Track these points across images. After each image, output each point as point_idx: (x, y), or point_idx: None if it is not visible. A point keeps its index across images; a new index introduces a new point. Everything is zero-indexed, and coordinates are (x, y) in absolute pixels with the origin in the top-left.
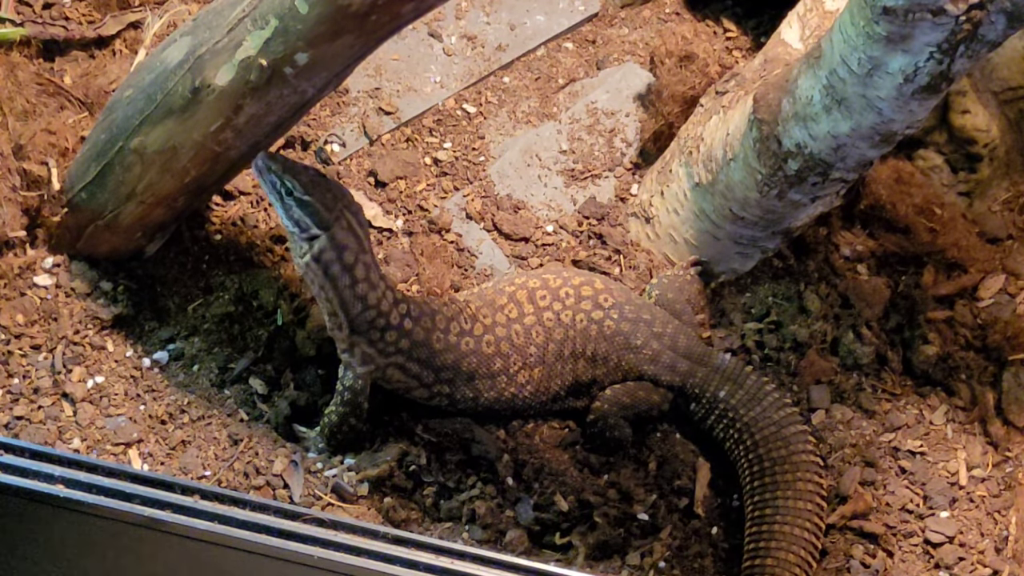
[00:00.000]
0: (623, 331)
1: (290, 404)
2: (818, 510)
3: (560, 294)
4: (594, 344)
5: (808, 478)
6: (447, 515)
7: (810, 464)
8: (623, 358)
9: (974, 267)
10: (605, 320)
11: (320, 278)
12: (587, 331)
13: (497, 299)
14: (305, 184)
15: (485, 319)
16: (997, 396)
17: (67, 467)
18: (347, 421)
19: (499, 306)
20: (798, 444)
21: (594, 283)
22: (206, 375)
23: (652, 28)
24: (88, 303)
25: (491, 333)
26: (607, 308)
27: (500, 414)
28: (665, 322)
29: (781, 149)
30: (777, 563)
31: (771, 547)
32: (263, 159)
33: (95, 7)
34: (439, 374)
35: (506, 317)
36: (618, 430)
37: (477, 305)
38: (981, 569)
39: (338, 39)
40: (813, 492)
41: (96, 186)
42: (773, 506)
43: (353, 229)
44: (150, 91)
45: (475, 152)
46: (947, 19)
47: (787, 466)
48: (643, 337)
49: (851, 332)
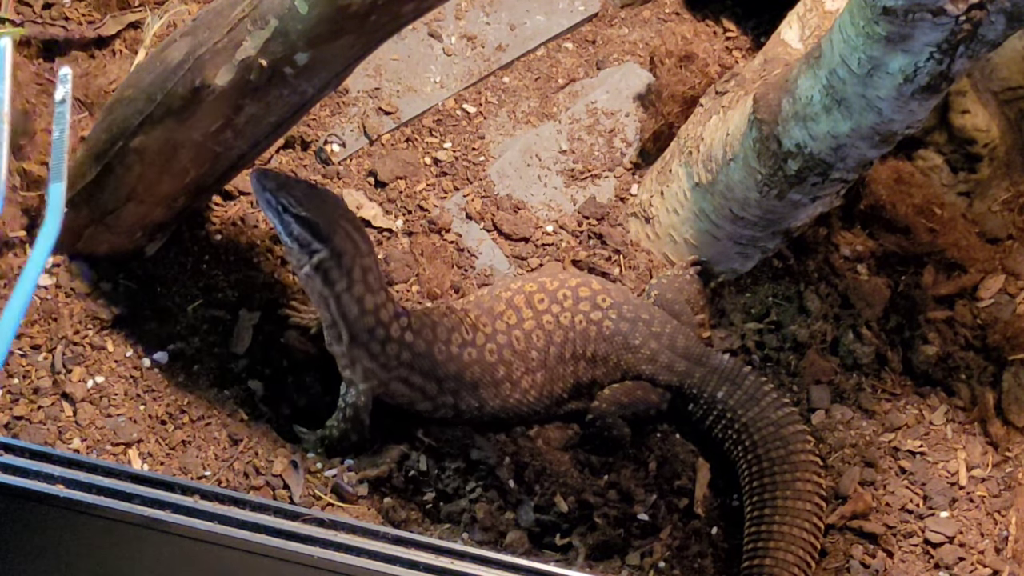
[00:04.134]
0: (622, 331)
1: (290, 404)
2: (817, 510)
3: (558, 296)
4: (594, 345)
5: (807, 478)
6: (447, 517)
7: (809, 464)
8: (622, 358)
9: (974, 267)
10: (604, 320)
11: (319, 285)
12: (586, 332)
13: (495, 306)
14: (301, 199)
15: (485, 328)
16: (997, 396)
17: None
18: (348, 437)
19: (498, 313)
20: (797, 443)
21: (591, 284)
22: (206, 375)
23: (652, 28)
24: (88, 303)
25: (493, 342)
26: (605, 308)
27: (505, 422)
28: (664, 322)
29: (781, 149)
30: (776, 563)
31: (770, 547)
32: (258, 178)
33: (95, 7)
34: (443, 385)
35: (506, 324)
36: (616, 429)
37: (476, 314)
38: (981, 569)
39: (338, 39)
40: (812, 492)
41: (96, 186)
42: (772, 506)
43: (351, 237)
44: (150, 91)
45: (475, 152)
46: (947, 19)
47: (786, 466)
48: (642, 336)
49: (851, 332)
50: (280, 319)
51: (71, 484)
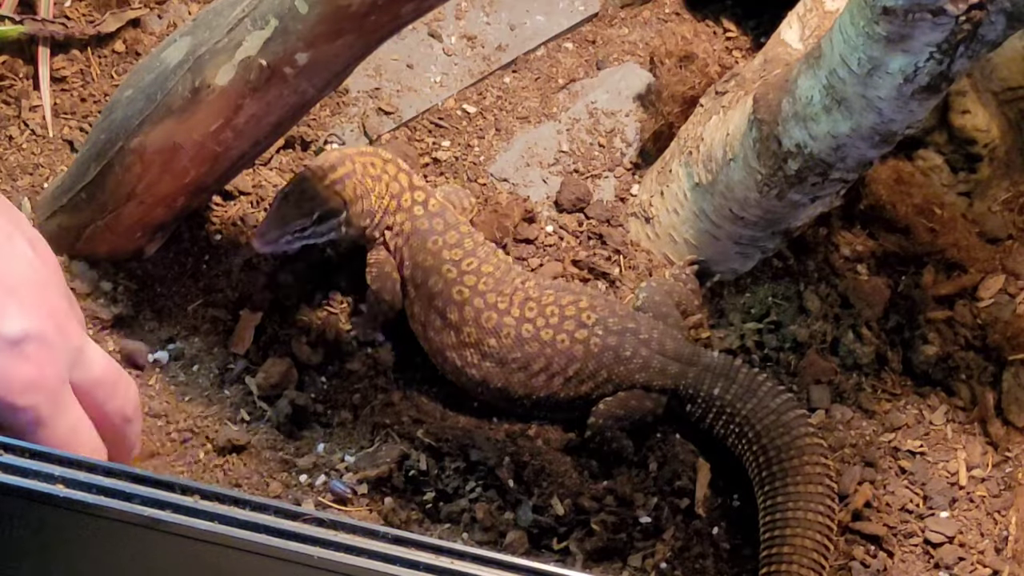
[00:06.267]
0: (611, 345)
1: (290, 403)
2: (829, 491)
3: (546, 312)
4: (580, 364)
5: (815, 460)
6: (447, 517)
7: (815, 446)
8: (613, 372)
9: (974, 267)
10: (591, 338)
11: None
12: (571, 351)
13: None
14: (303, 211)
15: (481, 281)
16: (997, 396)
17: (67, 467)
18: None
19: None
20: (800, 428)
21: (579, 301)
22: (206, 375)
23: (652, 28)
24: (88, 303)
25: (471, 290)
26: (591, 325)
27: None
28: (650, 327)
29: (781, 149)
30: (795, 550)
31: (787, 534)
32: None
33: (95, 7)
34: (414, 272)
35: (494, 300)
36: (616, 442)
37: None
38: (981, 569)
39: (338, 39)
40: (822, 474)
41: (96, 186)
42: (784, 493)
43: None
44: (150, 91)
45: (475, 152)
46: (947, 19)
47: (792, 451)
48: (632, 347)
49: (851, 332)
50: (282, 319)
51: (71, 484)
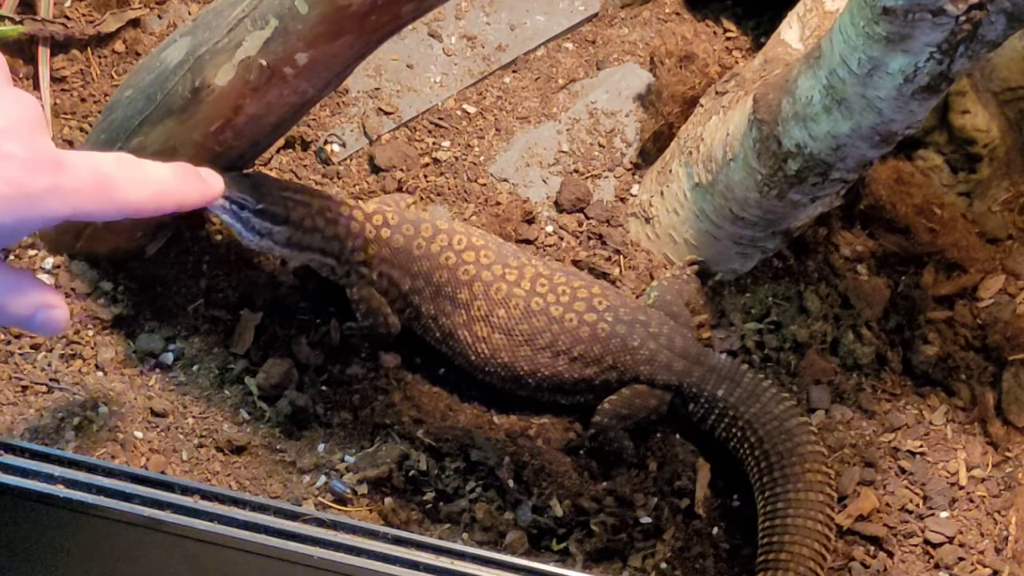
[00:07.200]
0: (619, 333)
1: (291, 404)
2: (829, 500)
3: (558, 290)
4: (585, 346)
5: (816, 468)
6: (447, 517)
7: (816, 454)
8: (619, 359)
9: (974, 267)
10: (599, 323)
11: (297, 253)
12: (577, 332)
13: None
14: (258, 194)
15: (481, 254)
16: (997, 396)
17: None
18: (376, 329)
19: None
20: (802, 436)
21: (592, 288)
22: (206, 375)
23: (652, 28)
24: (88, 303)
25: (475, 266)
26: (601, 311)
27: (457, 357)
28: (661, 323)
29: (781, 149)
30: (792, 557)
31: (785, 541)
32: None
33: (95, 7)
34: (414, 282)
35: (502, 270)
36: (617, 443)
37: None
38: (981, 569)
39: (338, 39)
40: (823, 483)
41: None
42: (785, 499)
43: (296, 201)
44: (150, 91)
45: (475, 152)
46: (947, 19)
47: (794, 458)
48: (640, 338)
49: (851, 332)
50: (282, 319)
51: (71, 484)
